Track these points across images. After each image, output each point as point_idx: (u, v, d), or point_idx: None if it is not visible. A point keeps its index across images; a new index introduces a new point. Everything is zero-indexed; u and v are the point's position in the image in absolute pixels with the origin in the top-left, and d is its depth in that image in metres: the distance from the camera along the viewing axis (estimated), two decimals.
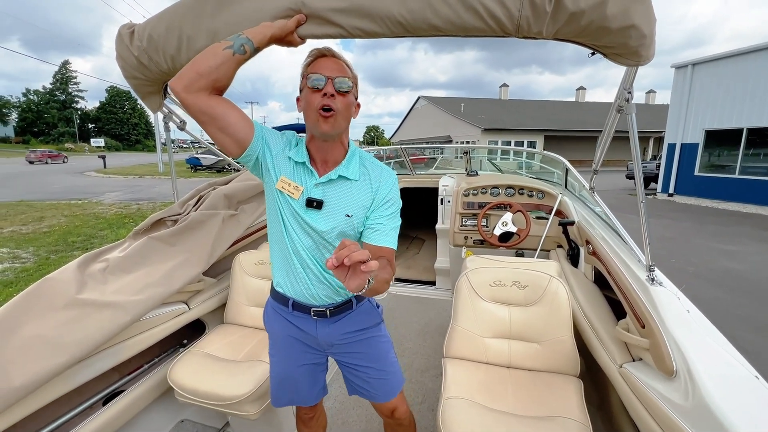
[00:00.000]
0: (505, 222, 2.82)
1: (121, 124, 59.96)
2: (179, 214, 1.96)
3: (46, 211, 8.98)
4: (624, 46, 0.95)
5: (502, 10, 0.90)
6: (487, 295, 1.67)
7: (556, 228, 2.67)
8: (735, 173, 10.36)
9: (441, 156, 10.52)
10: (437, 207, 3.58)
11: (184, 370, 1.62)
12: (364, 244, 1.10)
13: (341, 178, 1.09)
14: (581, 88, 38.73)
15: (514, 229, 2.80)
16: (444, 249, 3.57)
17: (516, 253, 2.88)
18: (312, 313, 1.17)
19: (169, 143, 2.10)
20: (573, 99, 39.10)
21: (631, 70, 1.21)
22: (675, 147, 11.72)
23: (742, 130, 10.08)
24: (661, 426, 0.98)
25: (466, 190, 3.18)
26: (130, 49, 1.21)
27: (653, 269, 1.36)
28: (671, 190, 11.88)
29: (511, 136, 25.41)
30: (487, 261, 1.84)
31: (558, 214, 2.79)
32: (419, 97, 35.98)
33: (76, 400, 1.48)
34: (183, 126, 1.91)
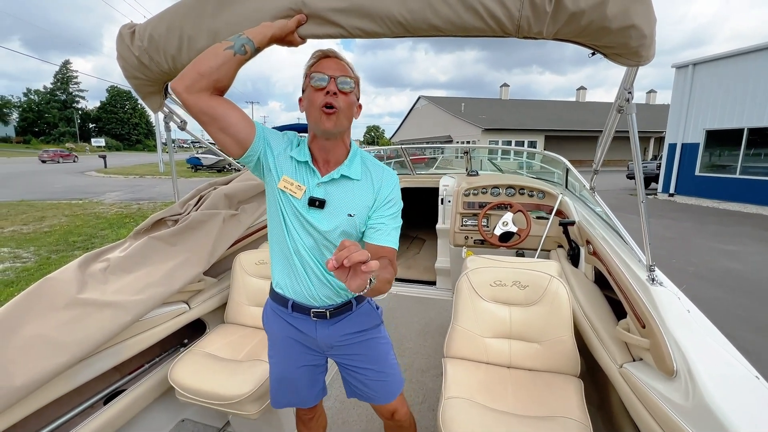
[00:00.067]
0: (506, 222, 2.82)
1: (121, 124, 60.08)
2: (180, 214, 1.96)
3: (46, 210, 8.98)
4: (624, 46, 0.95)
5: (502, 11, 0.90)
6: (487, 295, 1.67)
7: (557, 228, 2.67)
8: (736, 173, 10.35)
9: (441, 156, 10.54)
10: (438, 207, 3.58)
11: (185, 369, 1.62)
12: (366, 244, 1.10)
13: (343, 177, 1.10)
14: (582, 88, 38.68)
15: (514, 229, 2.80)
16: (444, 249, 3.57)
17: (516, 253, 2.88)
18: (312, 315, 1.17)
19: (169, 143, 2.10)
20: (573, 99, 39.07)
21: (631, 70, 1.21)
22: (676, 147, 11.71)
23: (743, 130, 10.07)
24: (661, 426, 0.98)
25: (467, 190, 3.18)
26: (131, 49, 1.22)
27: (654, 269, 1.36)
28: (672, 190, 11.87)
29: (512, 136, 25.39)
30: (487, 261, 1.84)
31: (558, 214, 2.79)
32: (420, 97, 35.99)
33: (77, 399, 1.48)
34: (183, 126, 1.92)
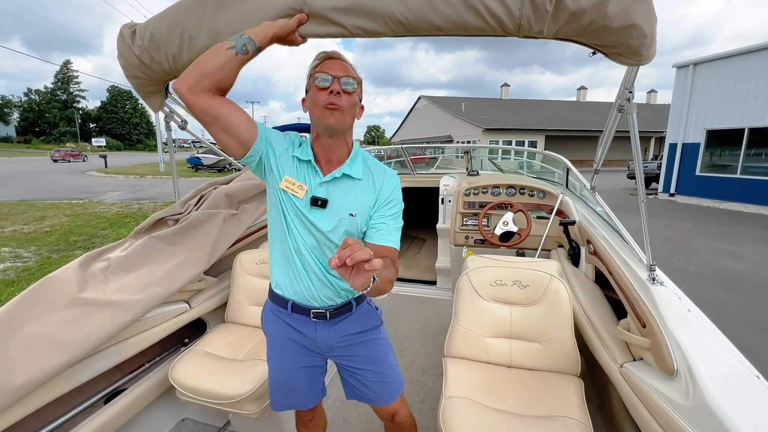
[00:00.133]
0: (506, 222, 2.82)
1: (122, 124, 60.16)
2: (180, 214, 1.96)
3: (47, 210, 8.99)
4: (625, 46, 0.95)
5: (503, 10, 0.90)
6: (487, 294, 1.67)
7: (557, 228, 2.67)
8: (736, 173, 10.34)
9: (442, 156, 10.54)
10: (438, 206, 3.58)
11: (185, 369, 1.62)
12: (367, 244, 1.10)
13: (345, 176, 1.10)
14: (582, 88, 38.67)
15: (515, 228, 2.80)
16: (445, 249, 3.57)
17: (517, 252, 2.88)
18: (311, 315, 1.17)
19: (170, 143, 2.10)
20: (574, 99, 39.06)
21: (632, 70, 1.21)
22: (676, 147, 11.70)
23: (744, 129, 10.06)
24: (661, 426, 0.98)
25: (467, 190, 3.18)
26: (131, 49, 1.22)
27: (654, 269, 1.36)
28: (672, 190, 11.86)
29: (512, 135, 25.37)
30: (487, 260, 1.83)
31: (559, 213, 2.79)
32: (420, 97, 35.99)
33: (78, 398, 1.49)
34: (184, 125, 1.92)
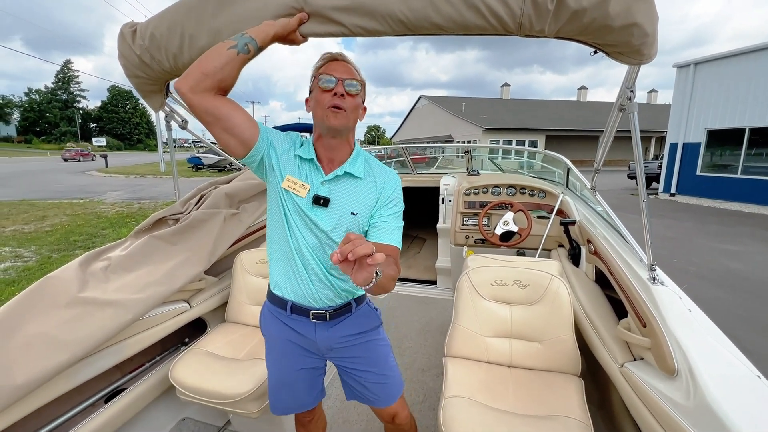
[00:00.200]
0: (507, 221, 2.82)
1: (122, 124, 60.21)
2: (181, 213, 1.96)
3: (48, 210, 8.99)
4: (626, 45, 0.95)
5: (504, 9, 0.90)
6: (488, 294, 1.67)
7: (558, 227, 2.67)
8: (737, 173, 10.33)
9: (442, 155, 10.51)
10: (438, 206, 3.58)
11: (186, 368, 1.62)
12: None
13: (347, 175, 1.10)
14: (583, 88, 38.64)
15: (515, 228, 2.80)
16: (445, 248, 3.56)
17: (517, 252, 2.87)
18: (311, 316, 1.16)
19: (170, 142, 2.10)
20: (575, 98, 39.04)
21: (633, 69, 1.21)
22: (677, 147, 11.69)
23: (745, 129, 10.05)
24: (662, 425, 0.98)
25: (467, 190, 3.18)
26: (132, 48, 1.22)
27: (655, 268, 1.35)
28: (673, 190, 11.85)
29: (513, 135, 25.36)
30: (488, 260, 1.83)
31: (559, 213, 2.79)
32: (420, 97, 35.98)
33: (78, 398, 1.49)
34: (184, 125, 1.92)
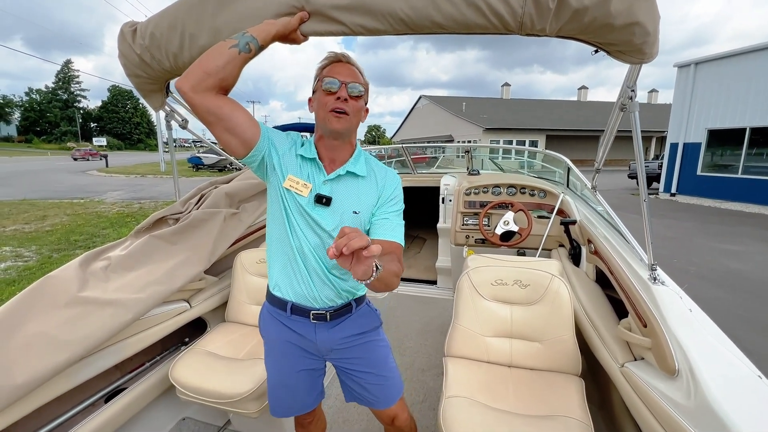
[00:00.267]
0: (507, 221, 2.82)
1: (123, 123, 60.24)
2: (181, 213, 1.96)
3: (48, 209, 9.00)
4: (628, 44, 0.95)
5: (505, 8, 0.90)
6: (488, 294, 1.67)
7: (558, 227, 2.66)
8: (738, 173, 10.32)
9: (442, 155, 10.51)
10: (438, 206, 3.57)
11: (186, 368, 1.62)
12: (372, 241, 1.09)
13: (349, 174, 1.11)
14: (583, 88, 38.62)
15: (515, 228, 2.80)
16: (445, 248, 3.56)
17: (517, 252, 2.87)
18: (311, 317, 1.16)
19: (171, 142, 2.10)
20: (575, 98, 39.01)
21: (634, 68, 1.20)
22: (677, 146, 11.68)
23: (745, 129, 10.04)
24: (663, 426, 0.98)
25: (468, 189, 3.18)
26: (132, 47, 1.22)
27: (655, 268, 1.35)
28: (673, 190, 11.84)
29: (513, 135, 25.35)
30: (488, 260, 1.83)
31: (560, 213, 2.79)
32: (421, 97, 35.97)
33: (78, 397, 1.49)
34: (185, 125, 1.92)
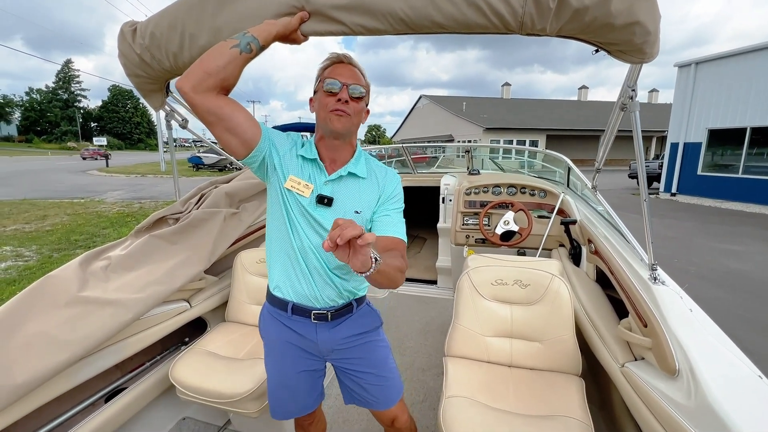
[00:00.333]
0: (507, 221, 2.82)
1: (123, 123, 60.26)
2: (181, 213, 1.96)
3: (48, 209, 9.00)
4: (628, 43, 0.94)
5: (505, 7, 0.90)
6: (488, 293, 1.67)
7: (558, 227, 2.66)
8: (738, 173, 10.32)
9: (443, 155, 10.52)
10: (439, 206, 3.57)
11: (186, 367, 1.62)
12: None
13: (350, 174, 1.11)
14: (584, 87, 38.61)
15: (515, 228, 2.80)
16: (445, 248, 3.56)
17: (518, 252, 2.87)
18: (312, 317, 1.15)
19: (171, 142, 2.10)
20: (575, 98, 39.01)
21: (635, 68, 1.20)
22: (678, 146, 11.67)
23: (746, 129, 10.03)
24: (663, 426, 0.98)
25: (468, 189, 3.18)
26: (132, 47, 1.21)
27: (656, 268, 1.35)
28: (674, 190, 11.83)
29: (513, 135, 25.34)
30: (488, 260, 1.83)
31: (560, 212, 2.78)
32: (421, 96, 35.97)
33: (78, 397, 1.49)
34: (185, 124, 1.92)
